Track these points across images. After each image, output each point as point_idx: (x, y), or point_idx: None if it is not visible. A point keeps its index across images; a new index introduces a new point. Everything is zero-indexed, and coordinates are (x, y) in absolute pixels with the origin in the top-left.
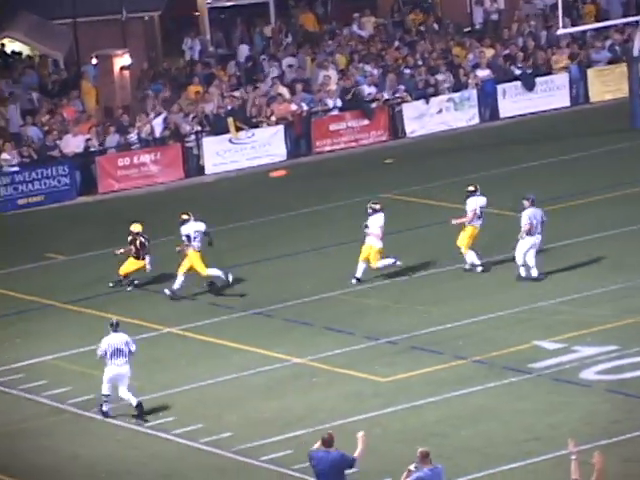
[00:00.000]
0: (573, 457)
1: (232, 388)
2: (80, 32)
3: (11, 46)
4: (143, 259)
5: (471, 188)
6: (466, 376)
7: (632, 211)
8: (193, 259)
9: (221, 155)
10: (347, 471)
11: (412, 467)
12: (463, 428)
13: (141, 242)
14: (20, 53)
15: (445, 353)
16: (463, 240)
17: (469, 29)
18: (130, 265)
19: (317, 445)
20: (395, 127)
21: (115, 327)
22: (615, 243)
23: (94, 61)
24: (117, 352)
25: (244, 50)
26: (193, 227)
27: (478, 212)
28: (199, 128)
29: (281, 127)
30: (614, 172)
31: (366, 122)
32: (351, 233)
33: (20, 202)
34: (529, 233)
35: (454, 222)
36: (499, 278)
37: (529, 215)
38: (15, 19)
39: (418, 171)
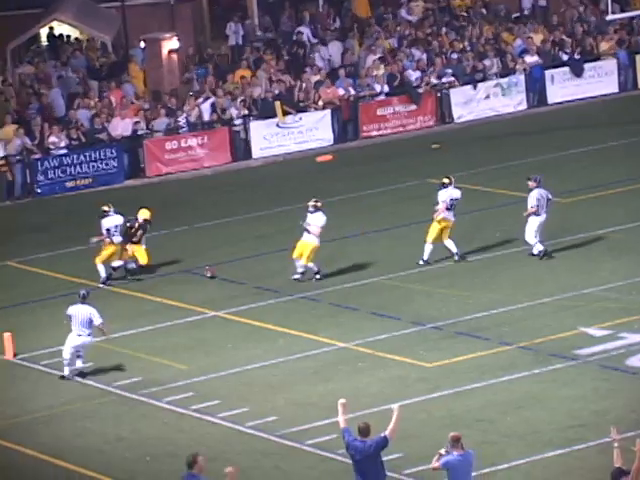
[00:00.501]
0: (616, 444)
1: (278, 372)
2: (128, 15)
3: (59, 29)
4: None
5: (445, 180)
6: (511, 362)
7: None
8: (109, 252)
9: (268, 139)
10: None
11: (442, 451)
12: (508, 414)
13: (144, 230)
14: (69, 36)
15: (490, 339)
16: (432, 232)
17: (517, 14)
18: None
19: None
20: (442, 112)
21: (83, 298)
22: None
23: (142, 44)
24: (81, 323)
25: (293, 34)
26: (113, 221)
27: (448, 204)
28: (246, 112)
29: (328, 112)
30: None
31: (413, 107)
32: (398, 218)
33: (68, 185)
34: (535, 213)
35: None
36: (544, 265)
37: (536, 197)
38: (64, 2)
39: (465, 156)
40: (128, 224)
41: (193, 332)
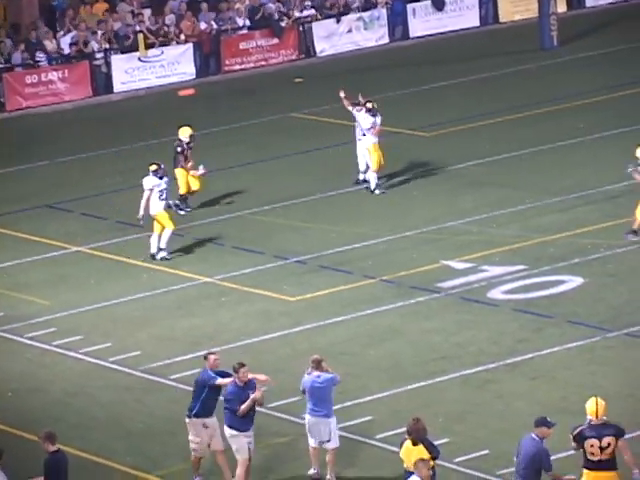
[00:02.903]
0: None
1: (141, 307)
2: None
3: None
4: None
5: (370, 105)
6: (374, 296)
7: (540, 132)
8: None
9: (130, 73)
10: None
11: (305, 374)
12: (371, 347)
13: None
14: None
15: (354, 273)
16: (375, 160)
17: None
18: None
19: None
20: (305, 46)
21: None
22: (522, 163)
23: None
24: None
25: None
26: None
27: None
28: (108, 46)
29: (190, 45)
30: (522, 93)
31: (276, 41)
32: (261, 153)
33: None
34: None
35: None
36: (407, 198)
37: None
38: None
39: (328, 90)
40: (178, 148)
41: (55, 268)
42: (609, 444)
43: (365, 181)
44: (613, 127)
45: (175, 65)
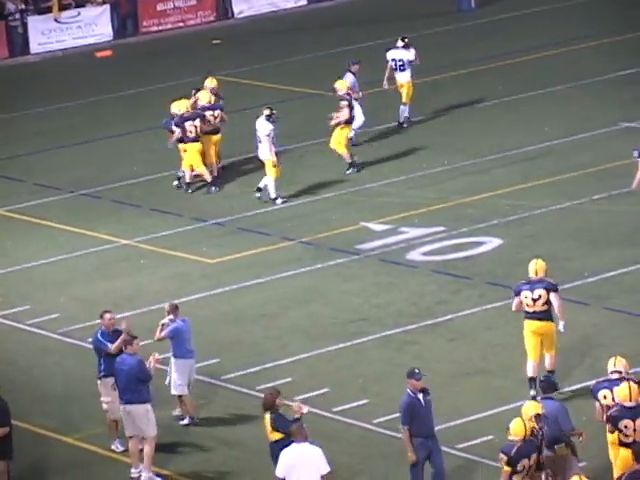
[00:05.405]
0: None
1: (60, 269)
2: None
3: None
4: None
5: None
6: (294, 257)
7: (458, 94)
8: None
9: (46, 34)
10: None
11: (165, 320)
12: (291, 309)
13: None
14: None
15: (273, 234)
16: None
17: None
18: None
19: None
20: (223, 8)
21: None
22: (441, 126)
23: None
24: None
25: None
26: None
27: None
28: (23, 7)
29: (107, 7)
30: (440, 55)
31: (193, 2)
32: None
33: None
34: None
35: None
36: (326, 160)
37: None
38: None
39: (246, 52)
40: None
41: None
42: (540, 296)
43: None
44: (531, 89)
45: (92, 26)
